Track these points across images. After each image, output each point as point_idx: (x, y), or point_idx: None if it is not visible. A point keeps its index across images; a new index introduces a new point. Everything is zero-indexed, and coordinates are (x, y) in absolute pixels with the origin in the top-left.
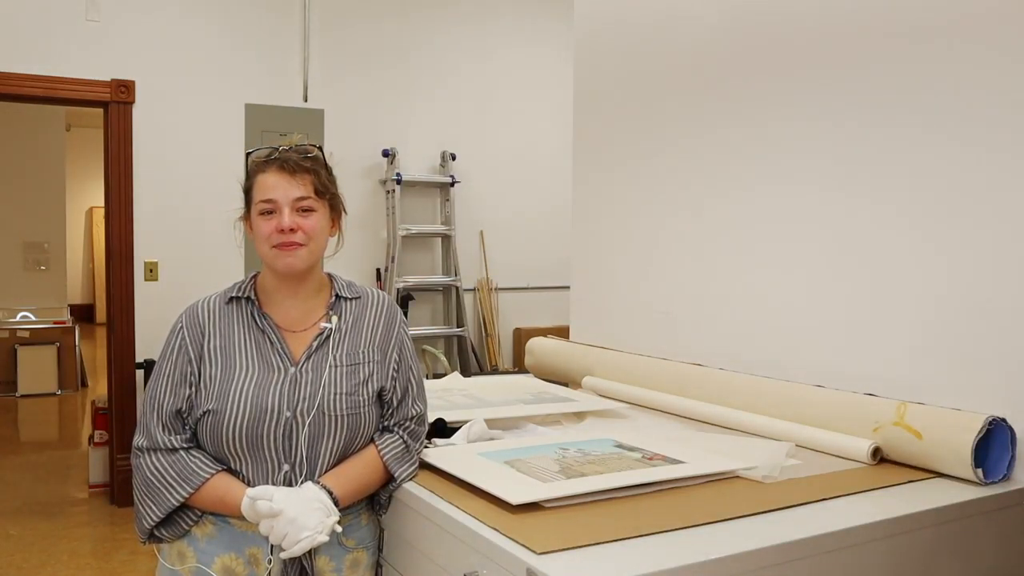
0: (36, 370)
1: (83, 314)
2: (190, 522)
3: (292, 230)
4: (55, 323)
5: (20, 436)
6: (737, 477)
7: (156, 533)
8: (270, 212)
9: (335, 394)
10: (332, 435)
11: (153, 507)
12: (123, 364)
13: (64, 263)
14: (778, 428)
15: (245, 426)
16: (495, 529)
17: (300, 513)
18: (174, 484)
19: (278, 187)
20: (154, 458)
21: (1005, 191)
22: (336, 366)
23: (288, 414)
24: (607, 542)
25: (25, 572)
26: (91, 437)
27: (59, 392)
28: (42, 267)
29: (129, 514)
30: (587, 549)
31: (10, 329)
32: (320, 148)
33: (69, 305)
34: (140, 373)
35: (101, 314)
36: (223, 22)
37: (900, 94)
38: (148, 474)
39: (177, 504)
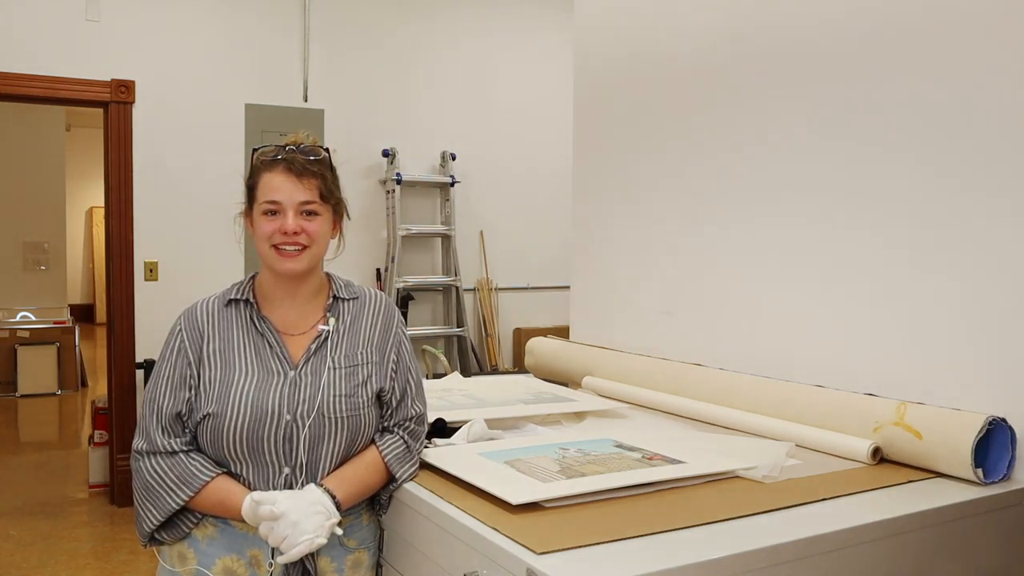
0: (36, 370)
1: (83, 314)
2: (190, 524)
3: (295, 233)
4: (55, 323)
5: (20, 436)
6: (737, 477)
7: (156, 536)
8: (273, 212)
9: (334, 396)
10: (332, 438)
11: (153, 510)
12: (123, 364)
13: (64, 263)
14: (778, 428)
15: (245, 429)
16: (495, 529)
17: (301, 516)
18: (174, 487)
19: (283, 189)
20: (154, 461)
21: (1005, 192)
22: (335, 368)
23: (288, 417)
24: (607, 542)
25: (25, 572)
26: (91, 437)
27: (59, 392)
28: (42, 267)
29: (129, 514)
30: (587, 549)
31: (10, 329)
32: (327, 149)
33: (69, 305)
34: (140, 373)
35: (101, 314)
36: (223, 22)
37: (901, 106)
38: (148, 477)
39: (177, 507)
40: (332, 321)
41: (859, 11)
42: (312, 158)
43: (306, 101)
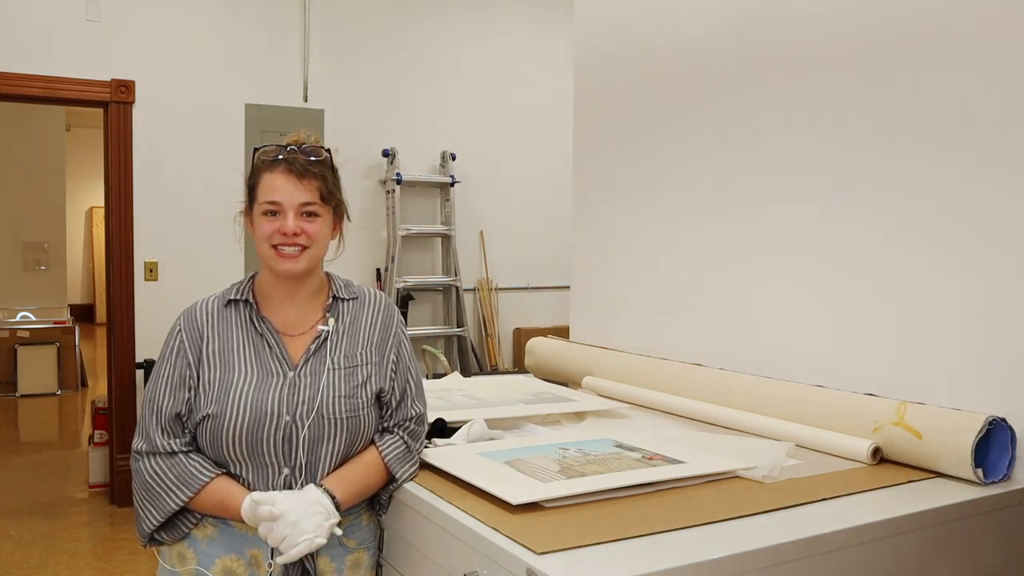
0: (36, 370)
1: (83, 314)
2: (190, 525)
3: (295, 234)
4: (55, 323)
5: (20, 436)
6: (737, 477)
7: (156, 536)
8: (273, 213)
9: (334, 397)
10: (332, 439)
11: (153, 511)
12: (123, 364)
13: (64, 263)
14: (778, 428)
15: (244, 430)
16: (495, 529)
17: (301, 516)
18: (173, 488)
19: (284, 190)
20: (153, 462)
21: (1006, 192)
22: (334, 369)
23: (287, 418)
24: (607, 542)
25: (25, 572)
26: (91, 437)
27: (59, 392)
28: (42, 267)
29: (129, 514)
30: (587, 549)
31: (10, 329)
32: (328, 149)
33: (69, 305)
34: (140, 373)
35: (101, 314)
36: (223, 22)
37: (902, 104)
38: (147, 478)
39: (177, 508)
40: (331, 321)
41: (863, 6)
42: (313, 159)
43: (306, 101)
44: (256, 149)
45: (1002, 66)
